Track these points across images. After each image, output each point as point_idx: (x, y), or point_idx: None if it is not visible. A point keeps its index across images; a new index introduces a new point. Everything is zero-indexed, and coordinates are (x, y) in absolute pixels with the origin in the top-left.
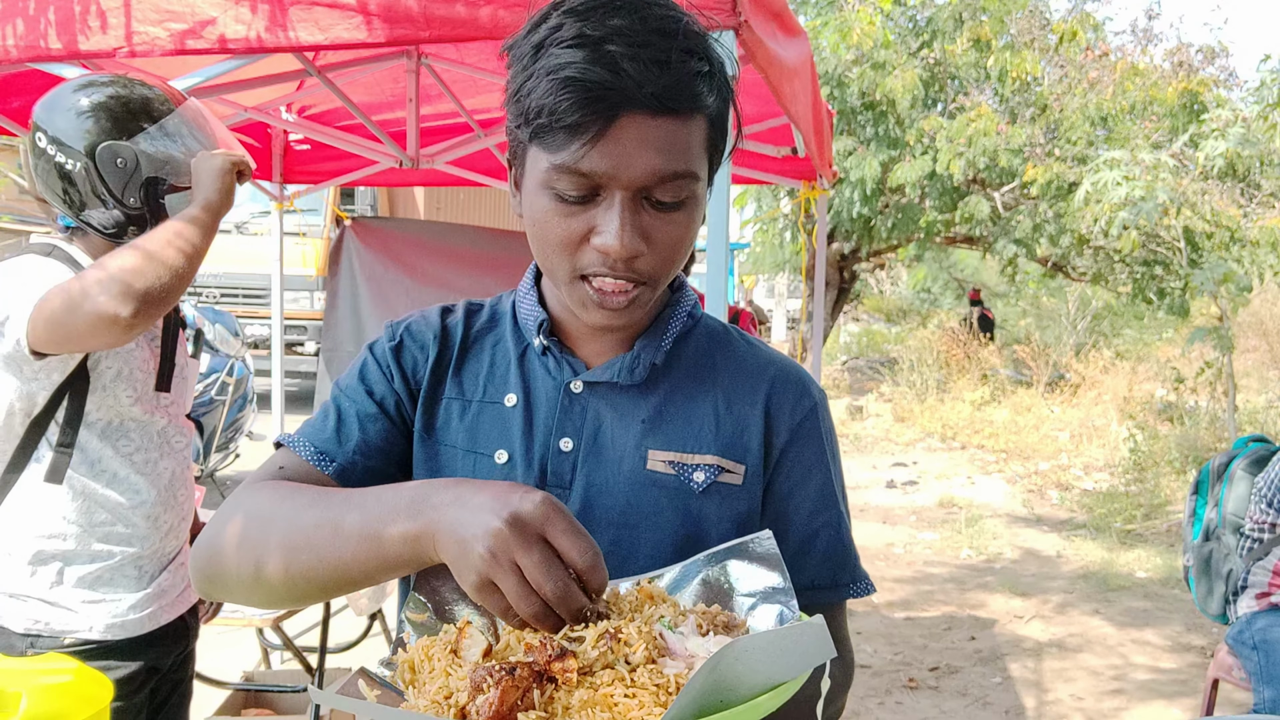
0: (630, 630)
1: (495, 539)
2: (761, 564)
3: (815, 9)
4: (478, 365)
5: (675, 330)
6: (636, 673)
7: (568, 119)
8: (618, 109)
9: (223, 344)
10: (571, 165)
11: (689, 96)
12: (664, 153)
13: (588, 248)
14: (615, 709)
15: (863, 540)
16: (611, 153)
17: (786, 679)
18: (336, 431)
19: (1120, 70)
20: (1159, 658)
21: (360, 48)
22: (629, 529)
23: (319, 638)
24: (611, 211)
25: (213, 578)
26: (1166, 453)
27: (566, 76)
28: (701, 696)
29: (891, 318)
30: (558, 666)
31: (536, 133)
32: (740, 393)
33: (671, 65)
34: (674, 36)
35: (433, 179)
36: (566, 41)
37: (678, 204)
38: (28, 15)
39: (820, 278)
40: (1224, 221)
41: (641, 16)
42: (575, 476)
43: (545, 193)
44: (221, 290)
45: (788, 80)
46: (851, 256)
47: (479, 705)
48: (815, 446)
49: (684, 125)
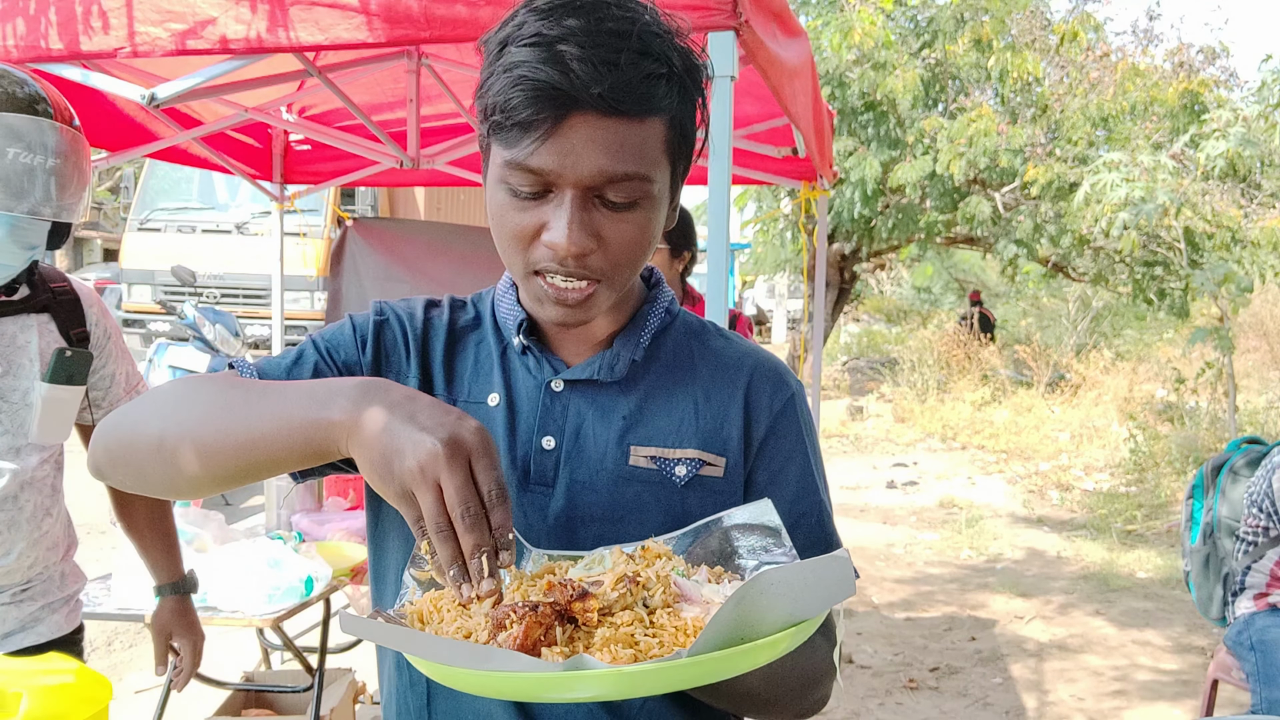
0: (649, 574)
1: (428, 456)
2: (762, 531)
3: (816, 9)
4: (463, 363)
5: (653, 327)
6: (655, 615)
7: (519, 116)
8: (567, 108)
9: (223, 344)
10: (522, 162)
11: (640, 98)
12: (612, 153)
13: (539, 244)
14: (638, 647)
15: (863, 540)
16: (560, 150)
17: (807, 616)
18: (291, 367)
19: (1121, 71)
20: (1160, 658)
21: (361, 48)
22: (613, 525)
23: (319, 638)
24: (561, 209)
25: (110, 451)
26: (1167, 453)
27: (520, 75)
28: (728, 630)
29: (892, 318)
30: (578, 606)
31: (493, 129)
32: (719, 386)
33: (621, 66)
34: (627, 37)
35: (433, 179)
36: (524, 40)
37: (630, 204)
38: (28, 16)
39: (820, 278)
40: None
41: (598, 17)
42: (558, 475)
43: (501, 187)
44: (222, 290)
45: (788, 80)
46: (852, 257)
47: (502, 641)
48: (794, 436)
49: (637, 127)
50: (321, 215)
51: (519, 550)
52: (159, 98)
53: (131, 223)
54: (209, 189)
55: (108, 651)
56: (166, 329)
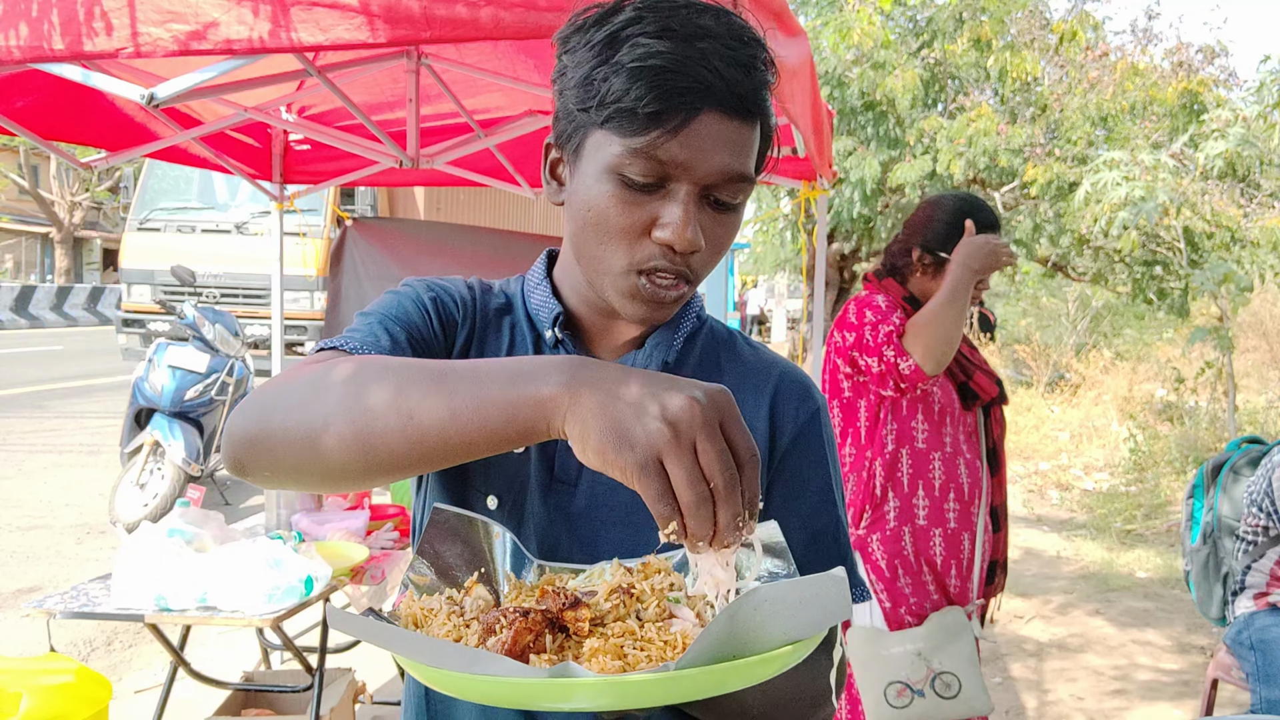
0: (644, 587)
1: (684, 413)
2: (767, 553)
3: (815, 9)
4: (498, 344)
5: (686, 330)
6: (645, 628)
7: (653, 106)
8: (702, 103)
9: (223, 344)
10: (648, 150)
11: (760, 103)
12: (734, 153)
13: (647, 240)
14: (626, 659)
15: None
16: (689, 145)
17: (803, 636)
18: (391, 349)
19: (1120, 70)
20: (1161, 658)
21: (361, 48)
22: (633, 529)
23: (319, 638)
24: (679, 205)
25: (257, 442)
26: (1167, 453)
27: (657, 65)
28: (718, 644)
29: None
30: (570, 615)
31: (612, 117)
32: (745, 394)
33: (755, 71)
34: (757, 46)
35: (433, 179)
36: (653, 33)
37: (733, 206)
38: (30, 18)
39: (820, 278)
40: (1224, 222)
41: (728, 23)
42: (582, 474)
43: (610, 178)
44: (221, 290)
45: (787, 80)
46: (851, 256)
47: (491, 646)
48: (817, 451)
49: (750, 130)
50: (321, 215)
51: (519, 560)
52: (158, 97)
53: (131, 222)
54: (209, 189)
55: (108, 651)
56: (166, 329)
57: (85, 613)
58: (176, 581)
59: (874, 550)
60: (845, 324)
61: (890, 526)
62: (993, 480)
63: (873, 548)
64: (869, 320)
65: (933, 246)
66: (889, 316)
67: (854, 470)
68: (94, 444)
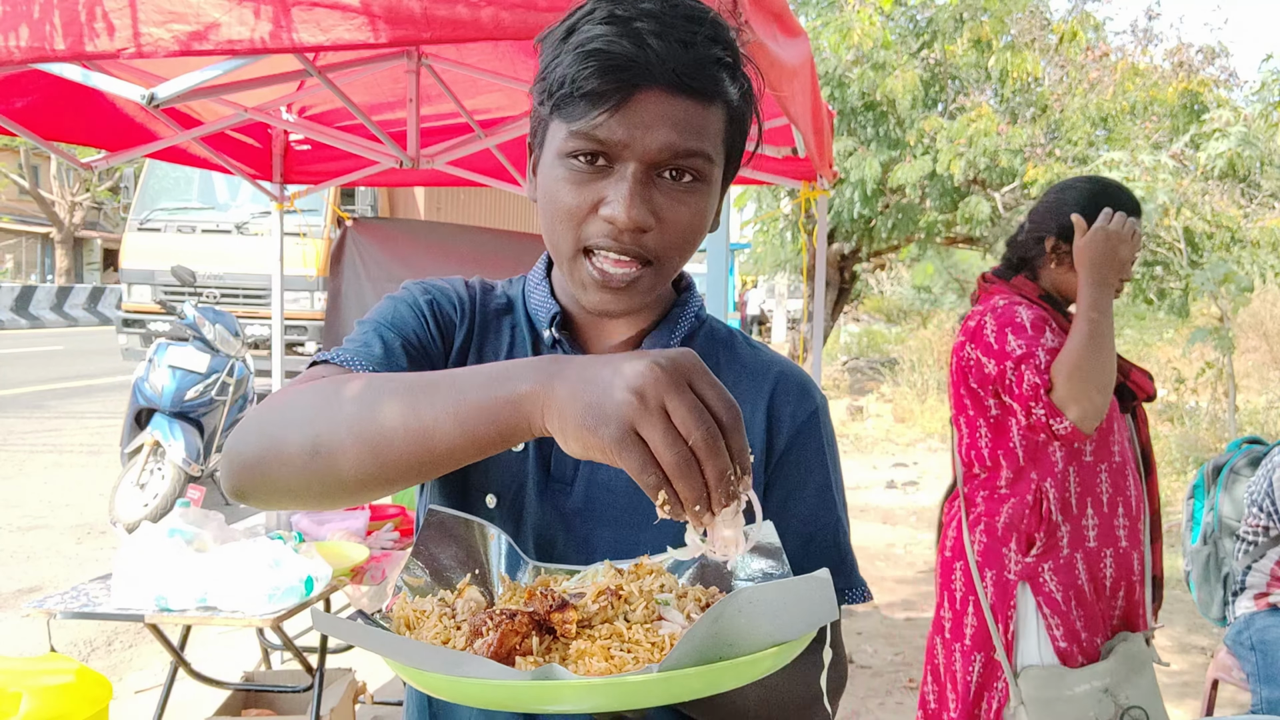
0: (632, 589)
1: (645, 379)
2: (761, 554)
3: (816, 9)
4: (497, 345)
5: (684, 330)
6: (633, 630)
7: (588, 86)
8: (638, 81)
9: (223, 344)
10: (588, 132)
11: (709, 79)
12: (680, 129)
13: (594, 218)
14: (612, 661)
15: (863, 540)
16: (628, 123)
17: (789, 638)
18: (384, 357)
19: (1120, 70)
20: (1161, 658)
21: (362, 48)
22: (630, 529)
23: (319, 638)
24: (622, 182)
25: (251, 466)
26: (1167, 453)
27: (593, 49)
28: (702, 645)
29: (892, 318)
30: (557, 617)
31: (558, 104)
32: (743, 394)
33: (695, 46)
34: (701, 22)
35: (433, 179)
36: (597, 20)
37: (690, 184)
38: (32, 19)
39: (820, 278)
40: (1224, 222)
41: (672, 3)
42: (578, 474)
43: (561, 163)
44: (222, 290)
45: (788, 81)
46: (852, 257)
47: (477, 648)
48: (815, 450)
49: (703, 108)
50: (321, 215)
51: (514, 561)
52: (159, 97)
53: (131, 223)
54: (209, 189)
55: (108, 651)
56: (166, 329)
57: (85, 613)
58: (177, 581)
59: (1046, 580)
60: (983, 344)
61: (1064, 554)
62: (1146, 486)
63: (1044, 577)
64: (1012, 350)
65: (1069, 234)
66: (1035, 346)
67: (1015, 494)
68: (94, 444)
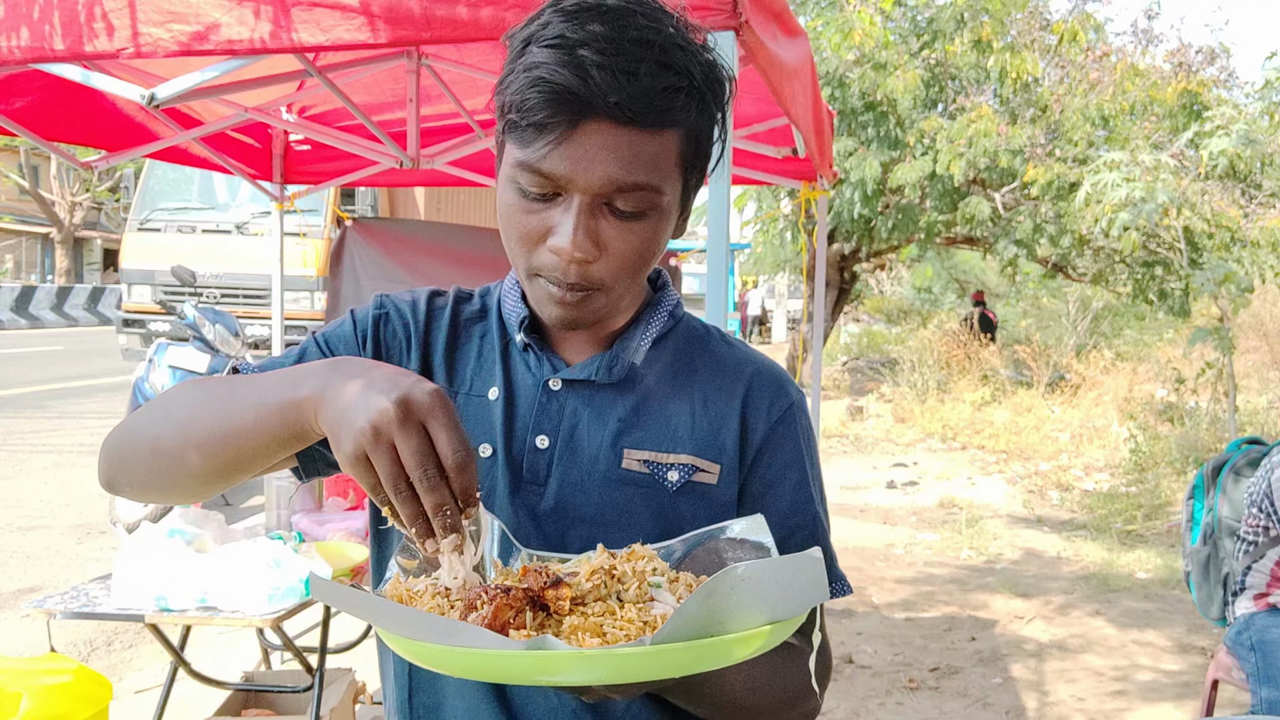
0: (625, 569)
1: (380, 416)
2: (753, 548)
3: (816, 9)
4: (466, 355)
5: (655, 330)
6: (625, 608)
7: (534, 117)
8: (582, 114)
9: (223, 344)
10: (533, 164)
11: (656, 110)
12: (624, 163)
13: (543, 248)
14: (605, 637)
15: (863, 540)
16: (572, 156)
17: (781, 617)
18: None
19: (1120, 71)
20: (1161, 659)
21: (362, 48)
22: (603, 527)
23: (319, 638)
24: (568, 215)
25: (115, 462)
26: (1167, 453)
27: (538, 76)
28: (694, 622)
29: (892, 318)
30: (551, 594)
31: (509, 127)
32: (717, 392)
33: (640, 76)
34: (650, 48)
35: (433, 179)
36: (547, 41)
37: (638, 214)
38: (31, 20)
39: (820, 278)
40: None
41: (621, 25)
42: (550, 474)
43: (511, 186)
44: (222, 290)
45: (788, 81)
46: (852, 257)
47: (472, 622)
48: (792, 446)
49: (651, 138)
50: (321, 215)
51: (508, 548)
52: (159, 98)
53: (131, 223)
54: (209, 189)
55: (108, 651)
56: (166, 329)
57: (85, 613)
58: (177, 582)
59: None
60: None
61: None
62: None
63: None
64: None
65: None
66: None
67: None
68: (94, 444)
